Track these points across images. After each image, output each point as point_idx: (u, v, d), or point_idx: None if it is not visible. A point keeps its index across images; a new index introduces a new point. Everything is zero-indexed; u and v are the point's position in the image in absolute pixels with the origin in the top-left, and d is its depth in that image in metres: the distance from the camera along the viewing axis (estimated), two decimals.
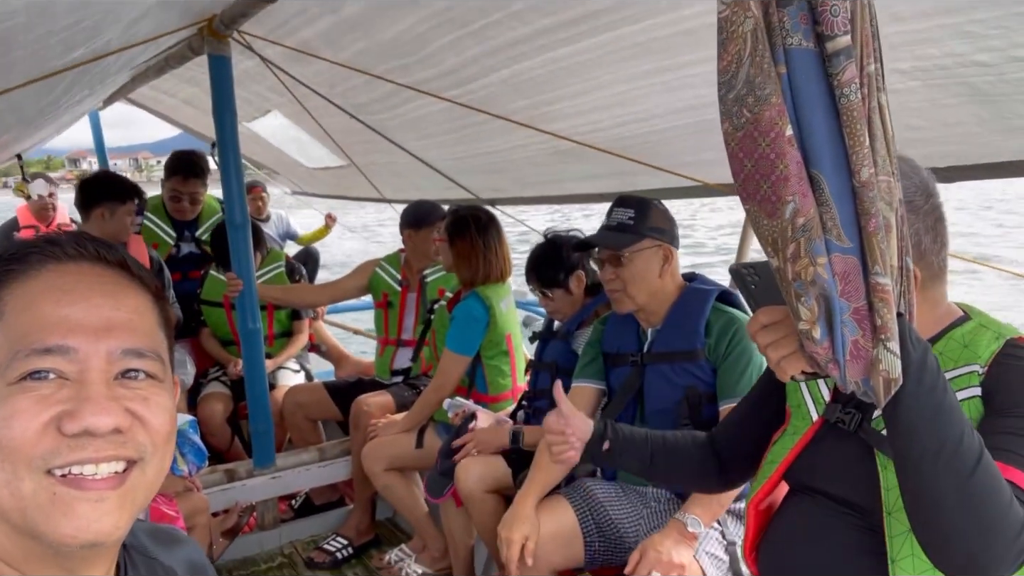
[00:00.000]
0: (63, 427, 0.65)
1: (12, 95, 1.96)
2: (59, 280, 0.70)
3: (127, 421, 0.69)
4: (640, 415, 2.19)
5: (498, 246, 2.86)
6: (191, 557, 0.91)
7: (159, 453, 0.73)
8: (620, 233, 2.13)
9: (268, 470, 3.11)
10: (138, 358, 0.72)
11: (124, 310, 0.73)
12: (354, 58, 2.73)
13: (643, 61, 2.14)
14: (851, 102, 0.87)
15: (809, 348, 0.93)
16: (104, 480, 0.67)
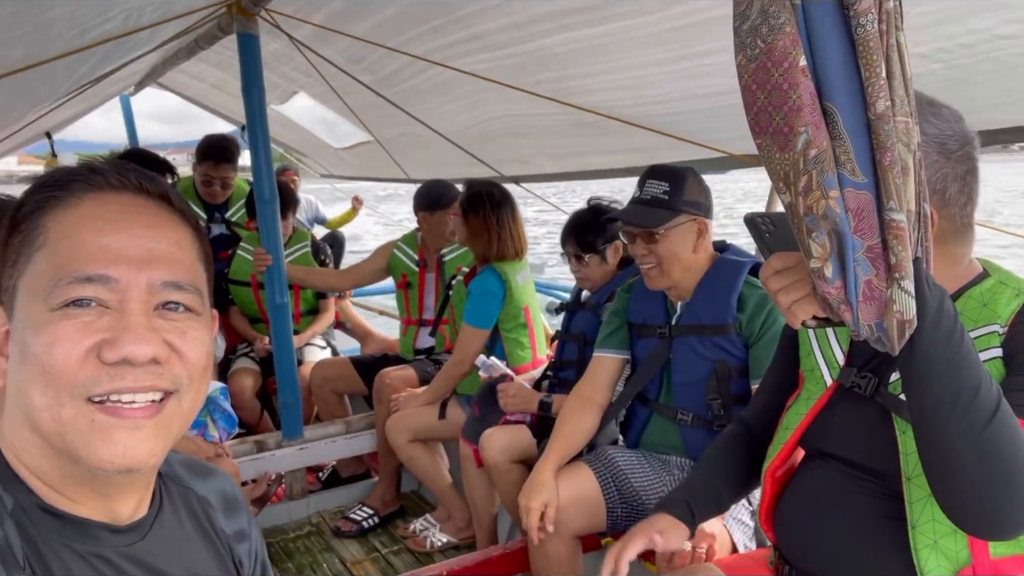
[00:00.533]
0: (103, 355, 0.67)
1: (46, 67, 2.02)
2: (101, 209, 0.72)
3: (165, 352, 0.71)
4: (667, 387, 2.18)
5: (512, 224, 2.86)
6: (224, 488, 0.93)
7: (195, 385, 0.75)
8: (653, 208, 2.05)
9: (296, 442, 3.17)
10: (177, 290, 0.73)
11: (165, 242, 0.74)
12: (377, 33, 2.75)
13: (659, 50, 2.12)
14: (867, 32, 0.86)
15: (821, 288, 0.93)
16: (141, 409, 0.69)
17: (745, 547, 1.97)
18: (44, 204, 0.71)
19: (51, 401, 0.67)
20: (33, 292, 0.68)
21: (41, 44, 1.88)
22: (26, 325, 0.68)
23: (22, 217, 0.72)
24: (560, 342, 2.82)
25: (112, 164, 0.75)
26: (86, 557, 0.71)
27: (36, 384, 0.67)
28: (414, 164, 4.52)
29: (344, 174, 5.98)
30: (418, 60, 2.78)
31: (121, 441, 0.68)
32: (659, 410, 2.20)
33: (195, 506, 0.88)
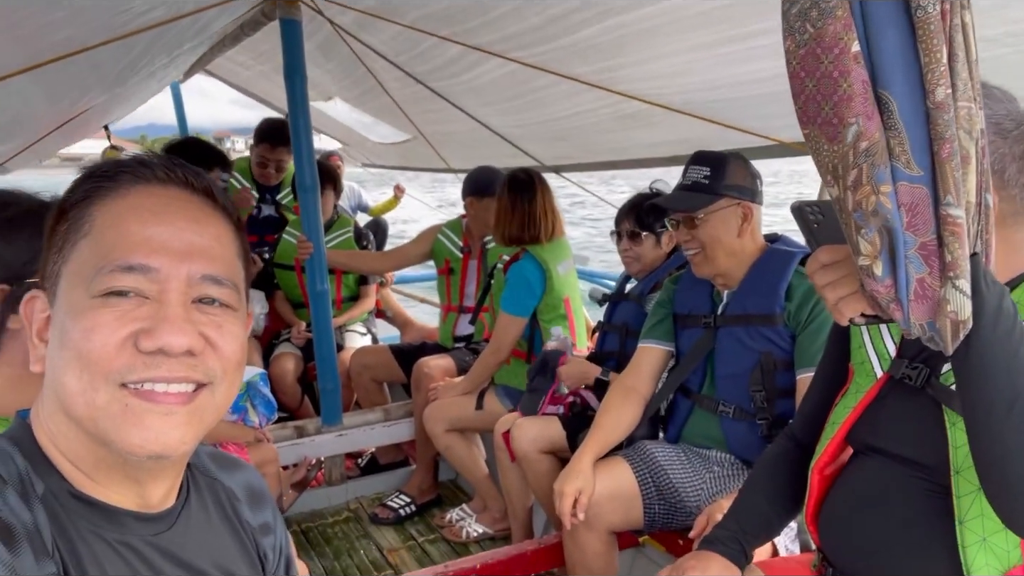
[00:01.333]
0: (140, 344, 0.68)
1: (92, 53, 2.04)
2: (147, 201, 0.73)
3: (200, 344, 0.71)
4: (710, 379, 2.14)
5: (544, 203, 2.84)
6: (250, 481, 0.93)
7: (228, 379, 0.76)
8: (694, 193, 2.03)
9: (335, 428, 3.20)
10: (215, 285, 0.74)
11: (206, 236, 0.75)
12: (420, 20, 2.73)
13: (706, 32, 2.05)
14: (928, 15, 0.81)
15: (869, 286, 0.88)
16: (175, 395, 0.70)
17: (787, 549, 1.92)
18: (92, 194, 0.73)
19: (86, 386, 0.67)
20: (75, 279, 0.70)
21: (86, 30, 1.91)
22: (66, 311, 0.69)
23: (70, 205, 0.73)
24: (602, 333, 2.79)
25: (160, 158, 0.76)
26: (114, 545, 0.71)
27: (72, 369, 0.68)
28: (456, 154, 4.51)
29: (385, 164, 6.01)
30: (454, 46, 2.75)
31: (153, 426, 0.69)
32: (701, 402, 2.16)
33: (222, 497, 0.88)
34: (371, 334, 3.89)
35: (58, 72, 1.96)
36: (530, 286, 2.80)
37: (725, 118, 2.62)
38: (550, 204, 2.89)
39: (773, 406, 2.02)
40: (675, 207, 2.07)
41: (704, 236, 2.02)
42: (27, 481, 0.68)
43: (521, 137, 3.63)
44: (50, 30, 1.56)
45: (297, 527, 3.07)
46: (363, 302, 3.85)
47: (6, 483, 0.66)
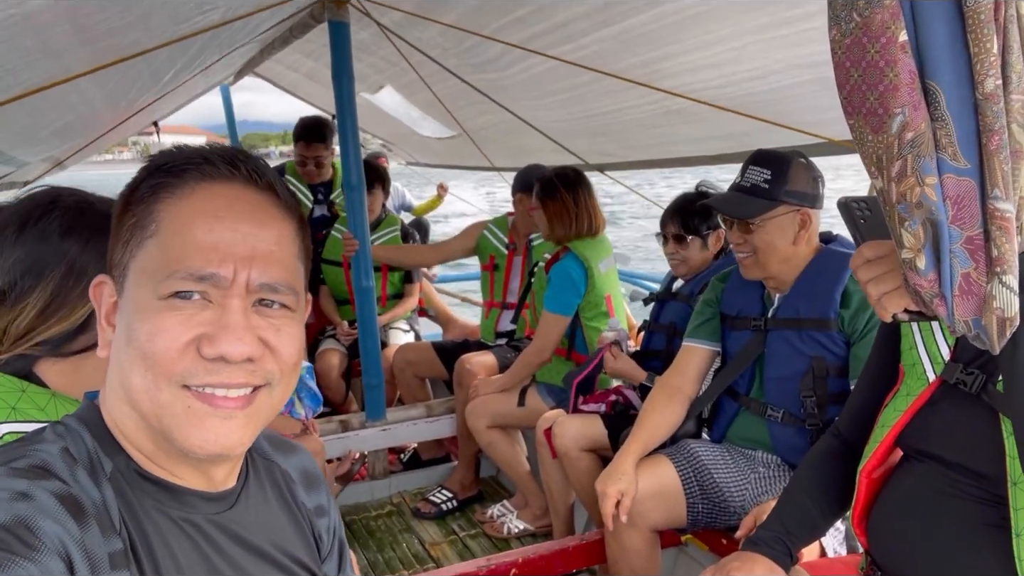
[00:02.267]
0: (202, 349, 0.70)
1: (151, 55, 2.12)
2: (212, 204, 0.74)
3: (259, 351, 0.73)
4: (759, 382, 2.10)
5: (587, 200, 2.85)
6: (305, 465, 0.95)
7: (285, 379, 0.78)
8: (752, 197, 1.95)
9: (379, 423, 3.24)
10: (273, 292, 0.75)
11: (268, 241, 0.75)
12: (465, 19, 2.76)
13: (761, 13, 2.01)
14: (979, 4, 0.79)
15: (912, 280, 0.87)
16: (234, 399, 0.72)
17: (835, 551, 1.89)
18: (158, 191, 0.74)
19: (150, 384, 0.70)
20: (143, 277, 0.71)
21: (148, 33, 1.98)
22: (133, 308, 0.71)
23: (136, 200, 0.75)
24: (647, 332, 2.77)
25: (224, 152, 0.77)
26: (178, 522, 0.74)
27: (137, 367, 0.70)
28: (499, 153, 4.53)
29: (430, 162, 6.06)
30: (497, 44, 2.77)
31: (213, 429, 0.71)
32: (748, 405, 2.12)
33: (279, 479, 0.91)
34: (414, 331, 3.94)
35: (119, 73, 2.03)
36: (574, 284, 2.81)
37: (771, 114, 2.59)
38: (592, 200, 2.90)
39: (824, 412, 1.97)
40: (730, 213, 2.00)
41: (758, 242, 1.96)
42: (96, 460, 0.71)
43: (564, 134, 3.63)
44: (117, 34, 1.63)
45: (341, 519, 3.13)
46: (407, 300, 3.89)
47: (76, 462, 0.69)
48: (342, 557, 0.99)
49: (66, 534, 0.62)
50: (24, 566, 0.57)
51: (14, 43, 1.09)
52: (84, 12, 1.12)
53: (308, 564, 0.88)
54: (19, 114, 1.83)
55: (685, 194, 2.63)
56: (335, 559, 0.97)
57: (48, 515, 0.62)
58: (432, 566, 2.79)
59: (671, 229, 2.58)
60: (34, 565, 0.58)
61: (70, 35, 1.20)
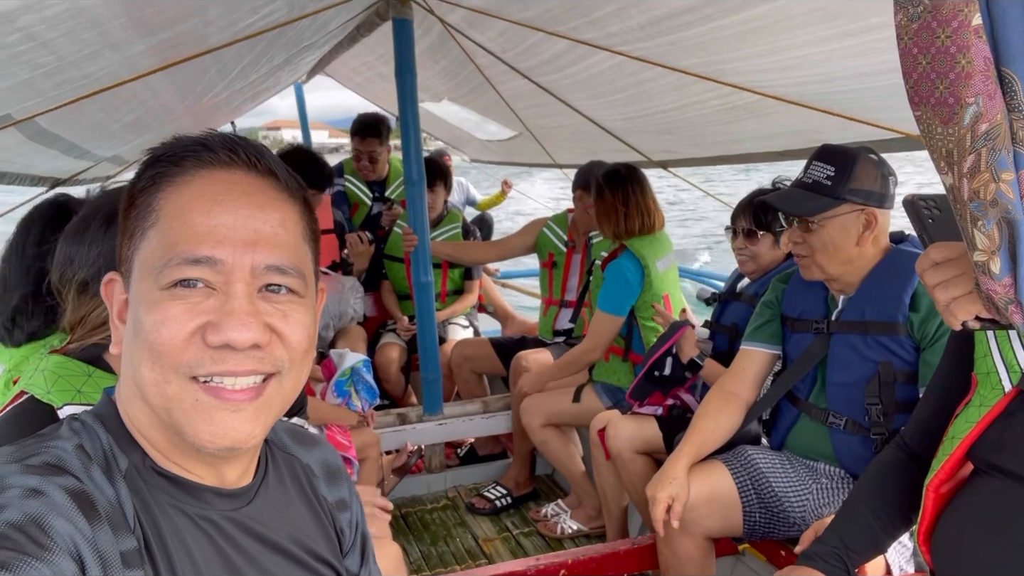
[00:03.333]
0: (207, 338, 0.68)
1: (218, 53, 2.17)
2: (211, 189, 0.72)
3: (266, 337, 0.71)
4: (821, 387, 2.01)
5: (641, 198, 2.78)
6: (326, 458, 0.94)
7: (296, 367, 0.75)
8: (812, 194, 1.85)
9: (436, 417, 3.27)
10: (280, 274, 0.73)
11: (270, 223, 0.73)
12: (527, 16, 2.74)
13: (821, 27, 1.92)
14: None
15: (985, 285, 0.81)
16: (242, 391, 0.71)
17: (901, 569, 1.79)
18: (158, 180, 0.73)
19: (158, 377, 0.69)
20: (145, 269, 0.70)
21: (216, 32, 2.03)
22: (139, 301, 0.70)
23: (137, 192, 0.74)
24: (710, 332, 2.69)
25: (223, 139, 0.75)
26: (194, 519, 0.73)
27: (146, 360, 0.69)
28: (561, 149, 4.50)
29: (493, 159, 6.08)
30: (560, 41, 2.74)
31: (222, 422, 0.70)
32: (809, 411, 2.03)
33: (299, 473, 0.89)
34: (473, 327, 3.95)
35: (186, 70, 2.09)
36: (628, 284, 2.76)
37: (844, 109, 2.48)
38: (650, 196, 2.83)
39: (891, 421, 1.86)
40: (787, 209, 1.91)
41: (816, 242, 1.86)
42: (111, 457, 0.71)
43: (627, 131, 3.58)
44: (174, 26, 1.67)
45: (397, 511, 3.16)
46: (466, 296, 3.91)
47: (91, 460, 0.69)
48: (365, 551, 0.97)
49: (77, 532, 0.61)
50: (36, 567, 0.56)
51: (75, 36, 1.13)
52: (137, 5, 1.15)
53: (329, 559, 0.87)
54: (91, 108, 1.90)
55: (761, 188, 2.53)
56: (357, 553, 0.95)
57: (60, 513, 0.61)
58: (484, 562, 2.79)
59: (742, 224, 2.48)
60: (46, 566, 0.57)
61: (128, 28, 1.23)
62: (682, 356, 2.47)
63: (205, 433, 0.69)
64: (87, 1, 0.99)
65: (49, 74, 1.32)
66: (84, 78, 1.45)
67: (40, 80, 1.33)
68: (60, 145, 2.07)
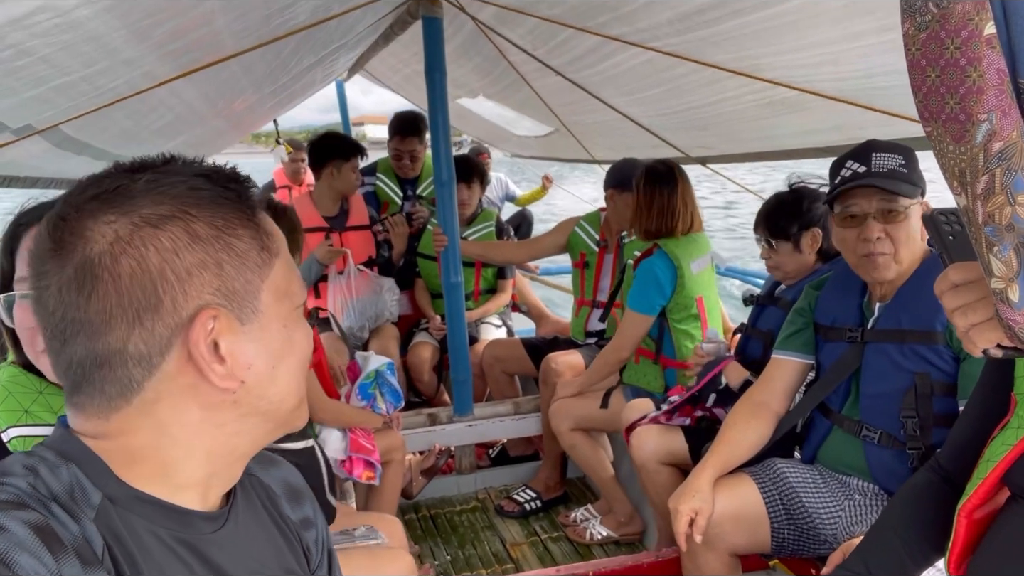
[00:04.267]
0: None
1: (243, 57, 2.18)
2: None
3: None
4: (854, 398, 1.92)
5: (676, 197, 2.70)
6: (287, 478, 0.95)
7: None
8: (899, 181, 1.73)
9: (466, 418, 3.25)
10: None
11: None
12: (555, 12, 2.69)
13: (856, 21, 1.83)
14: None
15: (1004, 314, 0.74)
16: None
17: None
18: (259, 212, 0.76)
19: (302, 380, 0.80)
20: (280, 294, 0.76)
21: (238, 38, 2.04)
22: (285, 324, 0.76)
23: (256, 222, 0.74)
24: (744, 336, 2.59)
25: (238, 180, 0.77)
26: (169, 543, 0.72)
27: (298, 372, 0.78)
28: (599, 146, 4.43)
29: (531, 155, 6.03)
30: (590, 37, 2.68)
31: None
32: (841, 423, 1.95)
33: (263, 495, 0.90)
34: (506, 327, 3.92)
35: (209, 76, 2.11)
36: (659, 284, 2.69)
37: (887, 105, 2.36)
38: (688, 197, 2.76)
39: (928, 435, 1.77)
40: (893, 189, 1.73)
41: (902, 233, 1.75)
42: (77, 492, 0.69)
43: (663, 127, 3.49)
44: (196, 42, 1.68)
45: (427, 512, 3.16)
46: (500, 296, 3.88)
47: (53, 498, 0.67)
48: (331, 568, 0.98)
49: (42, 567, 0.60)
50: None
51: (75, 49, 1.13)
52: (134, 17, 1.14)
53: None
54: (117, 115, 1.93)
55: (777, 194, 2.42)
56: (324, 570, 0.96)
57: (23, 548, 0.60)
58: (511, 567, 2.77)
59: (760, 233, 2.40)
60: None
61: (131, 40, 1.23)
62: (732, 386, 2.39)
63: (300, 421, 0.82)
64: (80, 13, 0.99)
65: (61, 88, 1.34)
66: (95, 89, 1.46)
67: (51, 94, 1.34)
68: (89, 151, 2.11)
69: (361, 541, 1.72)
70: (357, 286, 3.54)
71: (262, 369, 0.74)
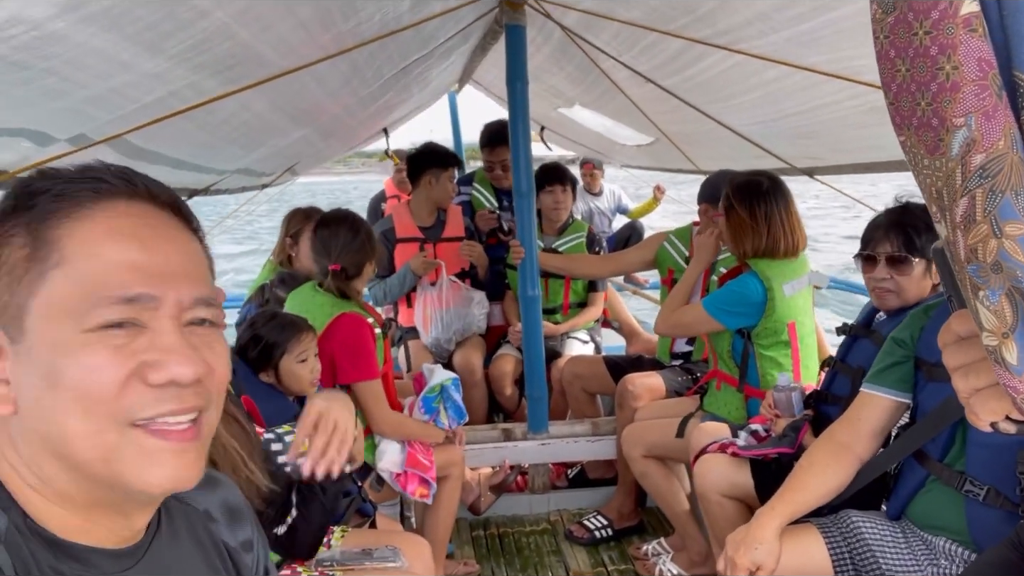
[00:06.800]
0: (148, 378, 0.65)
1: (314, 68, 2.21)
2: (119, 223, 0.68)
3: (205, 370, 0.69)
4: (959, 446, 1.66)
5: (784, 216, 2.45)
6: (227, 499, 0.90)
7: (218, 399, 0.74)
8: None
9: (540, 436, 3.16)
10: (206, 306, 0.71)
11: (185, 256, 0.72)
12: (634, 16, 2.55)
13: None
14: None
15: (1002, 380, 0.57)
16: (184, 431, 0.68)
17: None
18: (46, 217, 0.67)
19: (93, 428, 0.65)
20: (56, 312, 0.65)
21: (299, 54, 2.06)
22: (53, 348, 0.64)
23: (15, 231, 0.67)
24: (831, 371, 2.30)
25: (116, 169, 0.71)
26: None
27: (74, 412, 0.64)
28: (702, 156, 4.21)
29: (641, 164, 5.84)
30: (675, 40, 2.52)
31: (169, 464, 0.68)
32: (941, 474, 1.69)
33: (195, 523, 0.85)
34: (594, 343, 3.78)
35: (282, 87, 2.15)
36: (744, 304, 2.46)
37: None
38: (794, 213, 2.51)
39: None
40: None
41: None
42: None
43: (763, 136, 3.24)
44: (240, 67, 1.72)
45: (495, 530, 3.09)
46: (589, 310, 3.75)
47: None
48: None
49: None
50: None
51: (79, 62, 1.15)
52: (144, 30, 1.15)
53: None
54: (186, 126, 2.00)
55: (908, 204, 2.07)
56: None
57: None
58: None
59: (887, 248, 2.01)
60: None
61: (150, 51, 1.25)
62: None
63: (153, 477, 0.67)
64: (57, 25, 1.01)
65: (92, 100, 1.39)
66: (129, 101, 1.50)
67: (84, 106, 1.39)
68: (164, 161, 2.21)
69: (379, 563, 1.67)
70: (448, 298, 3.54)
71: (29, 399, 0.65)
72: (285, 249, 3.12)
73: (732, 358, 2.60)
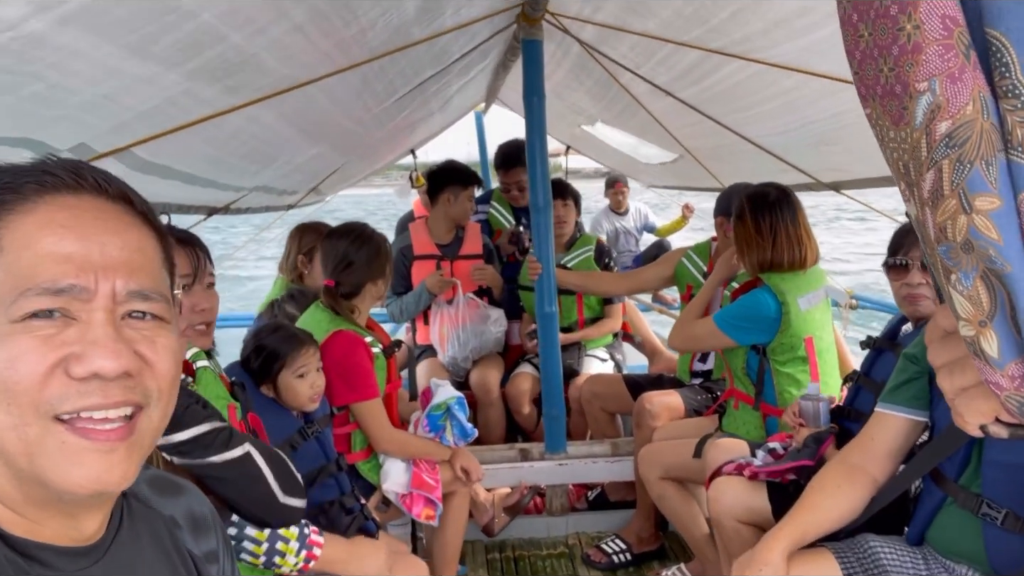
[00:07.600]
0: (71, 370, 0.64)
1: (326, 82, 2.21)
2: (59, 215, 0.68)
3: (136, 364, 0.67)
4: (975, 466, 1.57)
5: (792, 227, 2.38)
6: (191, 508, 0.88)
7: (164, 398, 0.71)
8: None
9: (557, 456, 3.08)
10: (143, 300, 0.69)
11: (128, 248, 0.70)
12: (648, 27, 2.52)
13: None
14: None
15: (984, 375, 0.51)
16: (113, 430, 0.66)
17: None
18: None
19: (15, 420, 0.63)
20: None
21: (307, 67, 2.06)
22: None
23: None
24: (854, 386, 2.23)
25: (65, 162, 0.71)
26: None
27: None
28: (726, 172, 4.13)
29: (667, 184, 5.77)
30: (690, 50, 2.48)
31: (93, 464, 0.65)
32: (957, 496, 1.59)
33: (159, 528, 0.82)
34: (614, 360, 3.70)
35: (289, 101, 2.15)
36: (756, 319, 2.39)
37: None
38: (806, 225, 2.44)
39: None
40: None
41: None
42: None
43: (785, 147, 3.17)
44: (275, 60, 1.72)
45: (511, 553, 3.01)
46: (606, 322, 3.68)
47: None
48: None
49: None
50: None
51: (63, 66, 1.15)
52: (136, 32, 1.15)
53: None
54: (192, 140, 2.00)
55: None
56: None
57: None
58: None
59: (915, 256, 1.92)
60: None
61: (143, 55, 1.26)
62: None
63: (75, 477, 0.65)
64: (36, 26, 1.01)
65: (87, 107, 1.39)
66: (129, 110, 1.51)
67: (79, 114, 1.40)
68: (176, 176, 2.22)
69: None
70: (464, 315, 3.50)
71: None
72: (297, 266, 3.12)
73: (747, 375, 2.51)
